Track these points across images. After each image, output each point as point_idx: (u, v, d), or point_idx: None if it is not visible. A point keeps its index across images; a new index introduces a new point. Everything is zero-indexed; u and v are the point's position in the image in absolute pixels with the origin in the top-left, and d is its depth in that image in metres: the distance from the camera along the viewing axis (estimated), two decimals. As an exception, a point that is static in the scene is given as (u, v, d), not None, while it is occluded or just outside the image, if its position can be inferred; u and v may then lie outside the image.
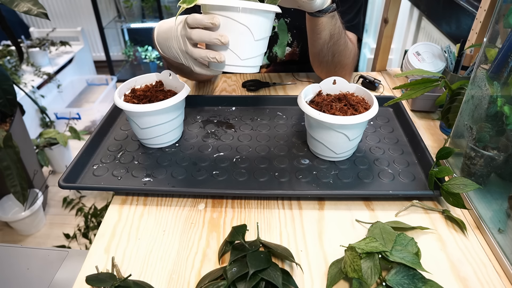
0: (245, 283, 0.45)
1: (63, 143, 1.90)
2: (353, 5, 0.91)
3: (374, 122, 0.79)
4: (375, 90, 0.94)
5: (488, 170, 0.60)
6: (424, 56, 0.92)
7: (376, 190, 0.62)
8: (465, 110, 0.63)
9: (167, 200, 0.63)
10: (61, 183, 0.63)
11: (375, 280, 0.45)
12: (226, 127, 0.79)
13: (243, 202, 0.62)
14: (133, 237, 0.57)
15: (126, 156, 0.71)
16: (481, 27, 0.79)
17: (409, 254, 0.48)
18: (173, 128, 0.71)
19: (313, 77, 1.00)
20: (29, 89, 2.21)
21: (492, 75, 0.56)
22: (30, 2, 1.03)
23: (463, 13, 1.21)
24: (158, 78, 0.74)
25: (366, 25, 2.46)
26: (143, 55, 2.98)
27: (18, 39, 1.88)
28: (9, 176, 1.32)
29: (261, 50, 0.59)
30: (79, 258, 0.77)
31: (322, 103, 0.66)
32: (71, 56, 2.74)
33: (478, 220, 0.57)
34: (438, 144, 0.75)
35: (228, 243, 0.53)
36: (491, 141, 0.58)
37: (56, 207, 1.87)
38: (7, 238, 1.72)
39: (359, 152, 0.70)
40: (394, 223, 0.55)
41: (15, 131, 1.49)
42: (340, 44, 0.82)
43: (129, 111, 0.66)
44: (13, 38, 1.27)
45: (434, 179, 0.59)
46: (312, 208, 0.61)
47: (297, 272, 0.51)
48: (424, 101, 0.84)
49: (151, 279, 0.50)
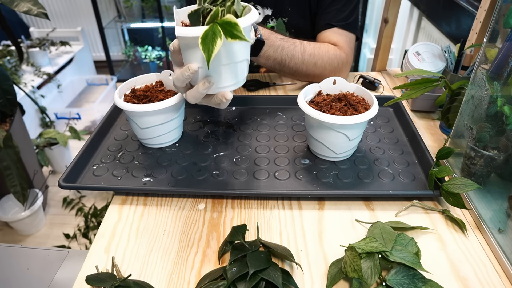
0: (245, 283, 0.45)
1: (63, 143, 1.90)
2: (347, 3, 0.90)
3: (374, 122, 0.79)
4: (375, 90, 0.94)
5: (488, 170, 0.60)
6: (424, 56, 0.92)
7: (376, 190, 0.62)
8: (465, 110, 0.63)
9: (167, 200, 0.63)
10: (61, 183, 0.63)
11: (375, 280, 0.45)
12: (226, 127, 0.79)
13: (243, 202, 0.62)
14: (133, 237, 0.57)
15: (126, 156, 0.71)
16: (481, 27, 0.79)
17: (409, 254, 0.48)
18: (173, 128, 0.71)
19: (313, 77, 1.00)
20: (29, 89, 2.21)
21: (492, 75, 0.56)
22: (30, 2, 1.03)
23: (463, 13, 1.21)
24: (158, 78, 0.74)
25: (366, 25, 2.46)
26: (143, 55, 2.98)
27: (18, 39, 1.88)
28: (9, 176, 1.32)
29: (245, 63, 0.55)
30: (79, 258, 0.77)
31: (322, 103, 0.66)
32: (71, 56, 2.74)
33: (478, 220, 0.57)
34: (438, 144, 0.75)
35: (228, 243, 0.53)
36: (491, 141, 0.58)
37: (56, 207, 1.87)
38: (7, 238, 1.72)
39: (359, 152, 0.70)
40: (394, 223, 0.55)
41: (15, 131, 1.49)
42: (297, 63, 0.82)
43: (129, 111, 0.66)
44: (13, 38, 1.27)
45: (434, 179, 0.59)
46: (312, 208, 0.61)
47: (297, 272, 0.51)
48: (424, 101, 0.84)
49: (151, 279, 0.50)
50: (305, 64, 0.83)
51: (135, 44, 3.06)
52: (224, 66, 0.52)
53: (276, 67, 0.82)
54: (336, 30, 0.90)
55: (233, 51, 0.51)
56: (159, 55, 2.98)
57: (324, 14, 0.91)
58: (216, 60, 0.51)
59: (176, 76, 0.55)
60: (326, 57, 0.85)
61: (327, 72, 0.86)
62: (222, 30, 0.45)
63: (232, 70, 0.53)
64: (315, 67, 0.85)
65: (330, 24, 0.90)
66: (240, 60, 0.53)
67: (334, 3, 0.90)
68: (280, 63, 0.81)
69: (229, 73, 0.53)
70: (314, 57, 0.83)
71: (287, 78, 1.00)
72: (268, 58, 0.78)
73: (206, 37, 0.45)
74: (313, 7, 0.94)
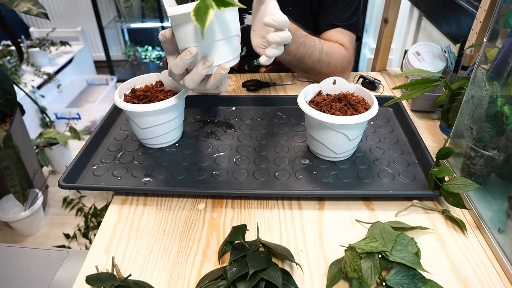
0: (245, 283, 0.45)
1: (63, 143, 1.90)
2: (350, 3, 0.90)
3: (374, 122, 0.79)
4: (375, 90, 0.94)
5: (488, 170, 0.60)
6: (424, 56, 0.92)
7: (376, 190, 0.62)
8: (465, 110, 0.63)
9: (167, 200, 0.63)
10: (61, 183, 0.63)
11: (375, 280, 0.45)
12: (226, 127, 0.79)
13: (243, 202, 0.62)
14: (133, 237, 0.57)
15: (126, 156, 0.71)
16: (481, 27, 0.79)
17: (409, 254, 0.48)
18: (173, 128, 0.71)
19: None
20: (29, 89, 2.21)
21: (492, 75, 0.56)
22: (30, 2, 1.03)
23: (463, 13, 1.21)
24: (158, 78, 0.74)
25: (366, 25, 2.46)
26: (143, 55, 2.98)
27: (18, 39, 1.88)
28: (9, 176, 1.32)
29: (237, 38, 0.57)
30: (79, 258, 0.77)
31: (322, 103, 0.66)
32: (71, 56, 2.74)
33: (478, 220, 0.57)
34: (438, 144, 0.75)
35: (228, 243, 0.53)
36: (491, 141, 0.58)
37: (56, 207, 1.87)
38: (7, 238, 1.72)
39: (359, 152, 0.70)
40: (394, 223, 0.55)
41: (15, 131, 1.49)
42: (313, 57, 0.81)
43: (129, 111, 0.66)
44: (13, 38, 1.27)
45: (434, 179, 0.59)
46: (312, 208, 0.61)
47: (297, 272, 0.51)
48: (424, 101, 0.84)
49: (151, 279, 0.50)
50: (320, 62, 0.83)
51: (135, 44, 3.06)
52: (219, 42, 0.54)
53: (294, 62, 0.81)
54: (340, 30, 0.90)
55: (226, 24, 0.53)
56: (159, 55, 2.98)
57: (327, 14, 0.92)
58: (210, 35, 0.52)
59: (174, 63, 0.55)
60: (338, 57, 0.86)
61: (337, 71, 0.87)
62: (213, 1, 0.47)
63: (227, 45, 0.55)
64: (328, 66, 0.85)
65: (333, 24, 0.91)
66: (234, 34, 0.55)
67: (337, 3, 0.90)
68: (299, 59, 0.79)
69: (225, 48, 0.55)
70: (329, 56, 0.83)
71: (288, 78, 1.00)
72: (289, 53, 0.77)
73: (198, 9, 0.47)
74: (314, 6, 0.94)
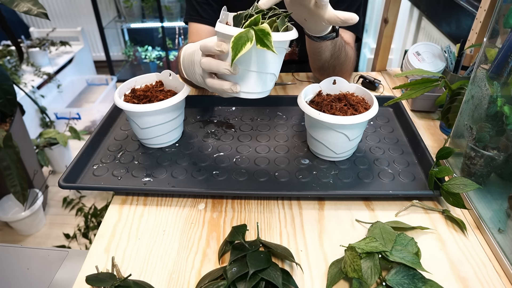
0: (245, 283, 0.45)
1: (63, 143, 1.90)
2: (351, 4, 0.90)
3: (374, 122, 0.79)
4: (375, 90, 0.94)
5: (488, 170, 0.60)
6: (424, 56, 0.92)
7: (376, 190, 0.62)
8: (465, 110, 0.63)
9: (167, 200, 0.63)
10: (61, 183, 0.63)
11: (375, 280, 0.45)
12: (226, 127, 0.79)
13: (243, 202, 0.62)
14: (133, 237, 0.57)
15: (126, 156, 0.71)
16: (481, 27, 0.79)
17: (409, 254, 0.48)
18: (173, 128, 0.71)
19: (313, 77, 1.00)
20: (29, 89, 2.21)
21: (492, 75, 0.56)
22: (30, 2, 1.03)
23: (463, 13, 1.21)
24: (158, 78, 0.74)
25: (366, 25, 2.46)
26: (143, 55, 2.98)
27: (18, 39, 1.88)
28: (9, 176, 1.32)
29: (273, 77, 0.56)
30: (79, 258, 0.77)
31: (322, 103, 0.66)
32: (71, 56, 2.74)
33: (478, 220, 0.57)
34: (438, 144, 0.75)
35: (228, 243, 0.53)
36: (491, 141, 0.58)
37: (56, 207, 1.87)
38: (7, 238, 1.72)
39: (359, 152, 0.70)
40: (394, 223, 0.55)
41: (15, 131, 1.49)
42: (340, 58, 0.81)
43: (129, 111, 0.66)
44: (13, 38, 1.27)
45: (434, 179, 0.59)
46: (312, 208, 0.61)
47: (297, 272, 0.51)
48: (424, 101, 0.84)
49: (151, 279, 0.50)
50: (339, 62, 0.83)
51: (135, 44, 3.06)
52: (252, 73, 0.53)
53: (318, 57, 0.79)
54: (343, 29, 0.90)
55: (264, 60, 0.52)
56: (159, 55, 2.98)
57: None
58: (244, 63, 0.52)
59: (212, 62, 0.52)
60: (352, 58, 0.87)
61: (348, 72, 0.88)
62: (255, 36, 0.47)
63: (259, 78, 0.54)
64: (342, 66, 0.85)
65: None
66: (269, 72, 0.54)
67: (338, 4, 0.90)
68: (327, 56, 0.79)
69: (255, 81, 0.54)
70: (347, 57, 0.84)
71: (288, 78, 1.00)
72: (325, 48, 0.76)
73: (239, 38, 0.47)
74: None
